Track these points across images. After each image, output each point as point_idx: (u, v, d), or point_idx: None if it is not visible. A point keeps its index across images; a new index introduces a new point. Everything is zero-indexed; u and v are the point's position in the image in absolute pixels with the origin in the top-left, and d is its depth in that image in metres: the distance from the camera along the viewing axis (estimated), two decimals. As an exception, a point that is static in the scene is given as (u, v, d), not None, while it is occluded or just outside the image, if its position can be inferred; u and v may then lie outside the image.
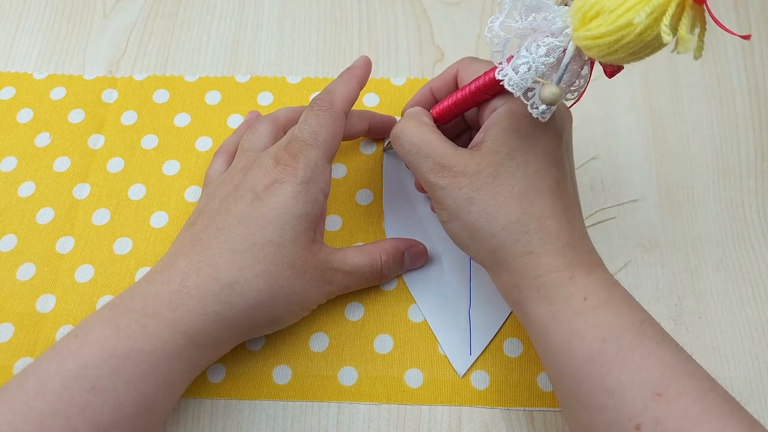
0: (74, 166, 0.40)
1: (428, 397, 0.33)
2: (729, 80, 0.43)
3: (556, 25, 0.26)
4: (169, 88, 0.43)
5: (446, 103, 0.33)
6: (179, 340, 0.28)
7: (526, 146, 0.30)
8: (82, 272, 0.37)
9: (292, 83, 0.44)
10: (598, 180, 0.40)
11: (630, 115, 0.42)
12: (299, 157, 0.32)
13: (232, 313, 0.29)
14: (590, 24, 0.24)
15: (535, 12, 0.26)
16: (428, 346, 0.35)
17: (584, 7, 0.24)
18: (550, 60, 0.26)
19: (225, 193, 0.32)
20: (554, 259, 0.28)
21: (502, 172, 0.29)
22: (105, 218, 0.39)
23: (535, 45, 0.26)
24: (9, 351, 0.35)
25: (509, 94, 0.29)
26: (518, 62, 0.27)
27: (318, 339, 0.35)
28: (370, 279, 0.35)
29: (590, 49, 0.24)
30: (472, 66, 0.33)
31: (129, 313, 0.28)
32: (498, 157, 0.30)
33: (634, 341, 0.26)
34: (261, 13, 0.47)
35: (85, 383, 0.26)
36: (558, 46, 0.26)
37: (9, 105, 0.43)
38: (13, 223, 0.38)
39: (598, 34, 0.23)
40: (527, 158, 0.30)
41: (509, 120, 0.30)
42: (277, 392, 0.34)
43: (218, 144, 0.41)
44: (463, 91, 0.32)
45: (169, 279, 0.29)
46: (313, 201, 0.32)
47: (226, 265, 0.30)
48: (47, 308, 0.36)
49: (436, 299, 0.36)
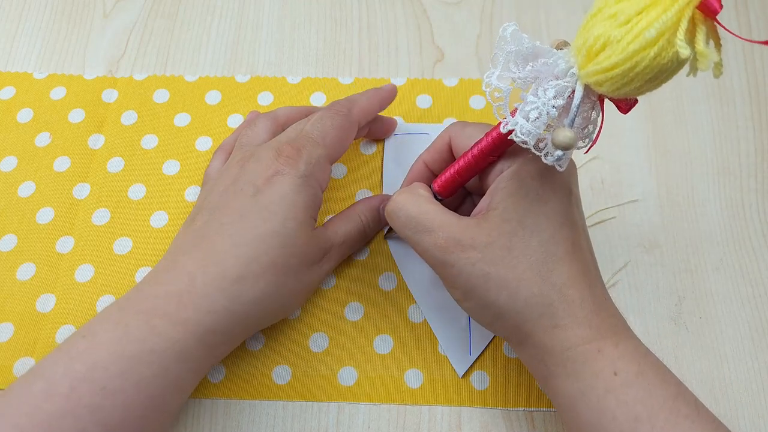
0: (74, 166, 0.40)
1: (428, 398, 0.33)
2: (729, 80, 0.43)
3: (559, 67, 0.24)
4: (169, 87, 0.43)
5: (448, 173, 0.31)
6: (189, 339, 0.28)
7: (537, 210, 0.28)
8: (82, 272, 0.37)
9: (292, 83, 0.44)
10: (598, 180, 0.40)
11: (630, 115, 0.42)
12: (302, 152, 0.32)
13: (241, 308, 0.29)
14: (598, 58, 0.23)
15: (533, 60, 0.25)
16: (428, 346, 0.35)
17: (588, 43, 0.23)
18: (561, 102, 0.25)
19: (223, 187, 0.32)
20: (580, 330, 0.27)
21: (516, 242, 0.27)
22: (105, 218, 0.39)
23: (542, 89, 0.25)
24: (9, 351, 0.35)
25: (513, 156, 0.28)
26: (527, 109, 0.25)
27: (318, 339, 0.35)
28: (358, 242, 0.36)
29: (602, 84, 0.23)
30: (465, 131, 0.32)
31: (138, 314, 0.28)
32: (509, 226, 0.28)
33: (668, 421, 0.25)
34: (261, 13, 0.47)
35: (94, 385, 0.26)
36: (566, 87, 0.24)
37: (9, 105, 0.43)
38: (13, 222, 0.38)
39: (609, 66, 0.22)
40: (540, 223, 0.28)
41: (516, 183, 0.28)
42: (277, 392, 0.34)
43: (218, 144, 0.41)
44: (465, 158, 0.30)
45: (177, 279, 0.29)
46: (312, 194, 0.32)
47: (233, 260, 0.29)
48: (47, 308, 0.36)
49: (436, 299, 0.36)
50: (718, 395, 0.34)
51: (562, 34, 0.45)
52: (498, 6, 0.47)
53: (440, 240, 0.28)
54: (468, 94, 0.43)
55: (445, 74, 0.44)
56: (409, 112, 0.42)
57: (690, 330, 0.35)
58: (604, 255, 0.37)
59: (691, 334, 0.35)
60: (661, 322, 0.35)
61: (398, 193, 0.31)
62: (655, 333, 0.35)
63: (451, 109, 0.42)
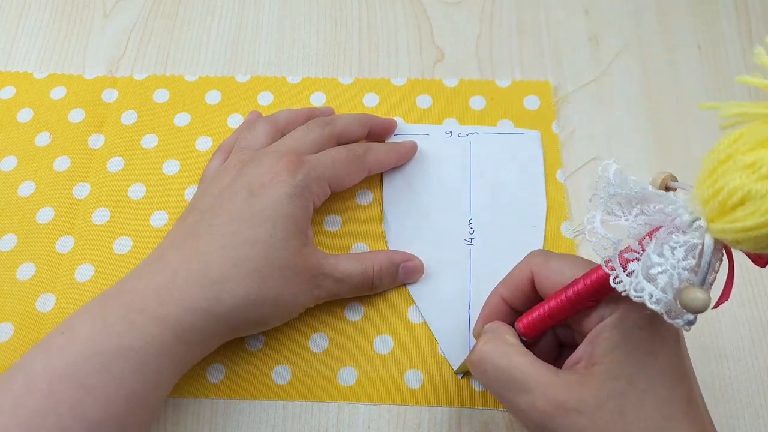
0: (74, 166, 0.40)
1: (428, 398, 0.33)
2: (729, 80, 0.43)
3: (681, 218, 0.21)
4: (169, 87, 0.43)
5: (537, 314, 0.28)
6: (168, 336, 0.28)
7: (650, 366, 0.25)
8: (82, 271, 0.37)
9: (293, 83, 0.44)
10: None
11: (630, 115, 0.42)
12: (304, 166, 0.32)
13: (221, 311, 0.29)
14: (735, 214, 0.20)
15: (641, 203, 0.23)
16: (428, 346, 0.35)
17: (720, 196, 0.20)
18: (691, 262, 0.21)
19: (218, 189, 0.32)
20: None
21: (628, 406, 0.24)
22: (105, 217, 0.39)
23: (668, 247, 0.22)
24: (9, 351, 0.35)
25: (616, 301, 0.25)
26: (653, 272, 0.22)
27: (318, 339, 0.35)
28: (361, 288, 0.34)
29: (741, 243, 0.20)
30: (550, 265, 0.28)
31: (116, 308, 0.28)
32: (619, 385, 0.24)
33: None
34: (261, 13, 0.47)
35: (73, 381, 0.26)
36: (696, 245, 0.21)
37: (9, 104, 0.43)
38: (13, 222, 0.38)
39: (752, 225, 0.19)
40: (652, 382, 0.25)
41: (621, 333, 0.25)
42: (277, 392, 0.34)
43: (218, 144, 0.41)
44: (558, 299, 0.27)
45: (159, 273, 0.29)
46: (305, 207, 0.32)
47: (218, 261, 0.29)
48: (47, 308, 0.36)
49: (435, 300, 0.36)
50: (718, 395, 0.34)
51: (562, 34, 0.45)
52: (498, 6, 0.47)
53: (539, 402, 0.25)
54: (468, 95, 0.43)
55: (445, 74, 0.44)
56: (409, 113, 0.42)
57: (690, 330, 0.35)
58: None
59: (691, 334, 0.35)
60: (661, 322, 0.35)
61: (483, 341, 0.27)
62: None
63: (451, 110, 0.42)
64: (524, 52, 0.45)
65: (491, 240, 0.37)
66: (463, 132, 0.41)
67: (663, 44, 0.45)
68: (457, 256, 0.37)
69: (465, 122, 0.42)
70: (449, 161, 0.40)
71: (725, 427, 0.33)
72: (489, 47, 0.45)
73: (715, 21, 0.46)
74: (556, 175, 0.40)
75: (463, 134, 0.41)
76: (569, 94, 0.43)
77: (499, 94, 0.43)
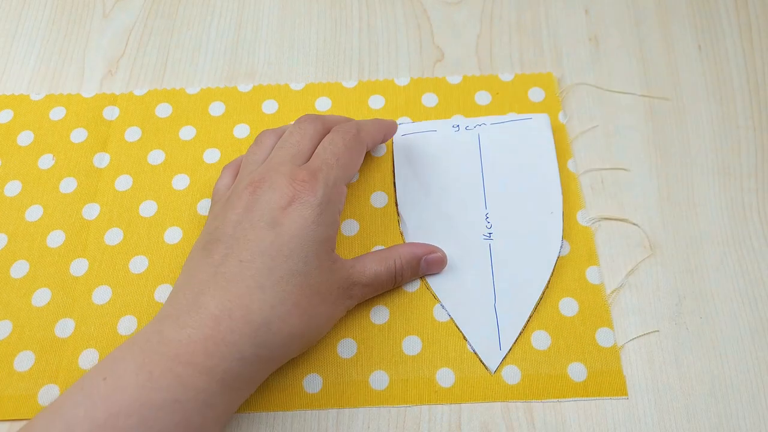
0: (81, 187, 0.40)
1: (461, 396, 0.34)
2: (729, 80, 0.43)
3: None
4: (170, 101, 0.43)
5: None
6: (214, 387, 0.28)
7: None
8: (99, 294, 0.36)
9: (296, 90, 0.43)
10: (598, 180, 0.40)
11: (630, 115, 0.42)
12: (318, 176, 0.32)
13: (268, 353, 0.29)
14: None
15: None
16: (456, 344, 0.35)
17: None
18: None
19: (237, 216, 0.31)
20: None
21: None
22: (118, 237, 0.38)
23: None
24: (32, 379, 0.34)
25: None
26: None
27: (346, 345, 0.35)
28: (386, 285, 0.35)
29: None
30: None
31: (162, 360, 0.27)
32: None
33: None
34: (261, 13, 0.47)
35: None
36: None
37: (8, 128, 0.41)
38: (23, 248, 0.38)
39: None
40: None
41: None
42: (310, 401, 0.34)
43: (226, 155, 0.41)
44: None
45: (201, 323, 0.28)
46: (331, 222, 0.32)
47: (258, 304, 0.29)
48: (67, 333, 0.35)
49: (461, 297, 0.36)
50: (718, 395, 0.33)
51: (562, 33, 0.45)
52: (498, 6, 0.47)
53: None
54: (473, 91, 0.43)
55: (446, 74, 0.44)
56: (416, 112, 0.42)
57: (690, 330, 0.35)
58: (605, 255, 0.38)
59: (691, 334, 0.35)
60: (662, 322, 0.36)
61: None
62: (656, 333, 0.35)
63: (458, 107, 0.42)
64: (524, 51, 0.45)
65: (510, 232, 0.38)
66: (471, 124, 0.41)
67: (663, 44, 0.45)
68: (477, 252, 0.37)
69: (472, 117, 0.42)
70: (460, 155, 0.40)
71: (725, 427, 0.33)
72: (489, 47, 0.45)
73: (715, 21, 0.46)
74: (567, 165, 0.40)
75: (471, 126, 0.41)
76: (573, 86, 0.43)
77: (504, 88, 0.43)
